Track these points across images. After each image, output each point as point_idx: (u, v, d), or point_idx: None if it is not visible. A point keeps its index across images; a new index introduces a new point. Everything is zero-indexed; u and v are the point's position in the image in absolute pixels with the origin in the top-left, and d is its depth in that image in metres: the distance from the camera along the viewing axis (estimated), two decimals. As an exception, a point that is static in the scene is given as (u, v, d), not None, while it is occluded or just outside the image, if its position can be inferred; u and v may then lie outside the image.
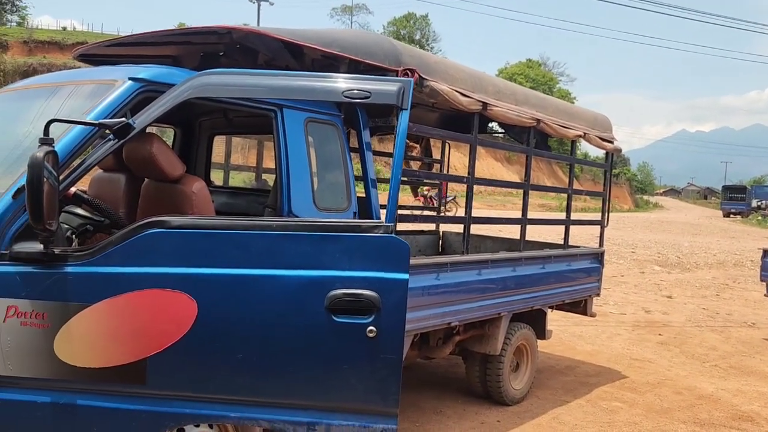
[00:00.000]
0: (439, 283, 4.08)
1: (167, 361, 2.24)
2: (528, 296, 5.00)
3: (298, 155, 2.92)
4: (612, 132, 6.16)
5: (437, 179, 6.49)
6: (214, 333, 2.28)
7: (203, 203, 2.85)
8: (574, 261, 5.63)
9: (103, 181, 3.45)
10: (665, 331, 8.41)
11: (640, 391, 5.69)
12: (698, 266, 16.10)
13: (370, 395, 2.37)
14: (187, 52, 3.91)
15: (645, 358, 6.91)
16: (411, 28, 58.74)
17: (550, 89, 53.83)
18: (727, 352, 7.47)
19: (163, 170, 2.77)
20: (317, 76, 2.59)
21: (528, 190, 5.10)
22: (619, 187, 62.89)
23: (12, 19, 43.14)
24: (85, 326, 2.21)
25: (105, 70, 3.09)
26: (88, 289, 2.22)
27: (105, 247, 2.25)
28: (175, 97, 2.43)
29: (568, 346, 7.20)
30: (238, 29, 3.37)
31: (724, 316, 9.75)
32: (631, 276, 13.51)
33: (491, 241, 6.30)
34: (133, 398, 2.27)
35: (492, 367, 4.93)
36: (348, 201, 3.18)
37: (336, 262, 2.31)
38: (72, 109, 2.63)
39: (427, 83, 3.79)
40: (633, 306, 10.04)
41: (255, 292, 2.30)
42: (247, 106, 2.81)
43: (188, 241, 2.30)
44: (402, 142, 2.43)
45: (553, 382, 5.81)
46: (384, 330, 2.31)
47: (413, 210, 6.23)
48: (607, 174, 6.35)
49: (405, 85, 2.47)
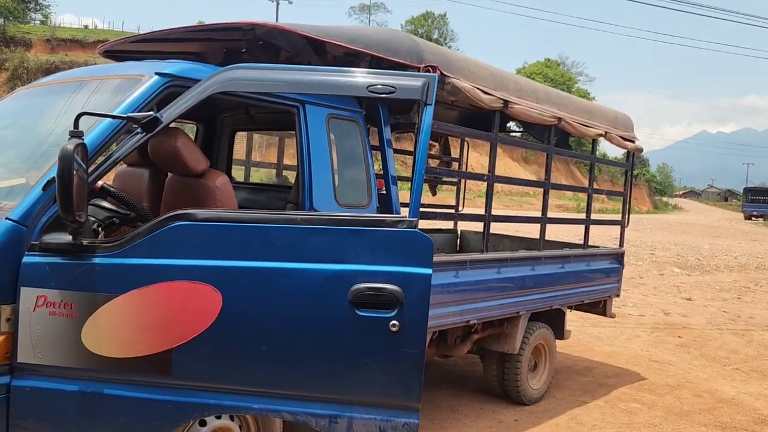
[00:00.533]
0: (458, 281, 4.08)
1: (192, 353, 2.27)
2: (547, 296, 4.98)
3: (320, 151, 2.94)
4: (633, 131, 6.10)
5: (456, 176, 6.48)
6: (239, 325, 2.30)
7: (227, 198, 2.87)
8: (594, 261, 5.60)
9: (127, 175, 3.49)
10: (685, 333, 8.32)
11: (659, 393, 5.64)
12: (719, 269, 15.90)
13: (392, 389, 2.37)
14: (210, 48, 3.95)
15: (664, 360, 6.85)
16: (429, 27, 58.65)
17: (568, 89, 53.40)
18: (749, 356, 7.37)
19: (187, 165, 2.80)
20: (342, 71, 2.60)
21: (548, 189, 5.07)
22: (638, 188, 62.29)
23: (35, 17, 43.77)
24: (111, 317, 2.24)
25: (131, 65, 3.13)
26: (115, 280, 2.26)
27: (132, 239, 2.28)
28: (202, 92, 2.45)
29: (586, 347, 7.15)
30: (262, 25, 3.39)
31: (745, 320, 9.62)
32: (650, 278, 13.38)
33: (509, 240, 6.28)
34: (159, 388, 2.30)
35: (510, 366, 4.92)
36: (369, 197, 3.19)
37: (359, 256, 2.32)
38: (99, 103, 2.66)
39: (448, 80, 3.79)
40: (652, 308, 9.95)
41: (279, 285, 2.32)
42: (270, 101, 2.84)
43: (214, 233, 2.32)
44: (426, 138, 2.44)
45: (571, 382, 5.78)
46: (407, 324, 2.31)
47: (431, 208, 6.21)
48: (628, 173, 6.29)
49: (430, 81, 2.47)
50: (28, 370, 2.25)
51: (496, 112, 4.33)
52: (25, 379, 2.25)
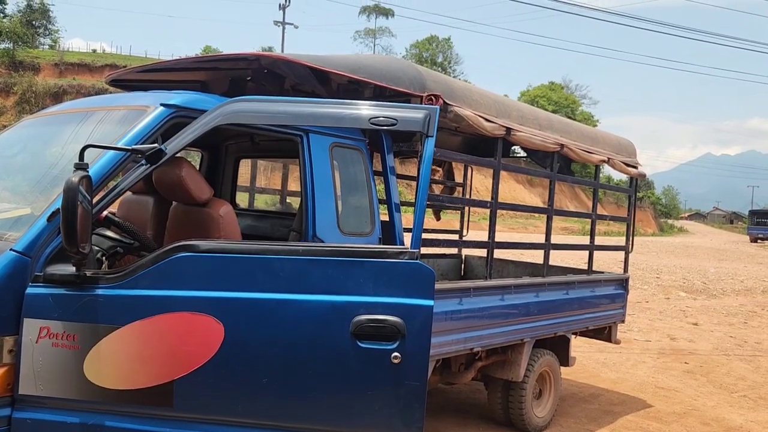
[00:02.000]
0: (462, 308, 4.07)
1: (194, 384, 2.26)
2: (551, 322, 4.95)
3: (324, 180, 2.96)
4: (636, 157, 6.12)
5: (460, 203, 6.50)
6: (240, 357, 2.30)
7: (230, 226, 2.89)
8: (598, 287, 5.57)
9: (131, 203, 3.52)
10: (691, 359, 8.24)
11: (665, 421, 5.57)
12: (725, 293, 15.79)
13: (393, 421, 2.36)
14: (215, 77, 4.00)
15: (671, 387, 6.77)
16: (433, 50, 59.21)
17: (572, 112, 53.71)
18: (757, 383, 7.29)
19: (191, 194, 2.82)
20: (344, 104, 2.63)
21: (552, 215, 5.08)
22: (643, 210, 62.19)
23: (44, 42, 44.39)
24: (114, 348, 2.24)
25: (136, 95, 3.17)
26: (118, 311, 2.26)
27: (135, 270, 2.29)
28: (206, 123, 2.48)
29: (591, 374, 7.08)
30: (266, 56, 3.44)
31: (752, 345, 9.52)
32: (656, 302, 13.29)
33: (514, 266, 6.27)
34: (160, 420, 2.29)
35: (514, 394, 4.87)
36: (372, 225, 3.20)
37: (361, 287, 2.32)
38: (104, 134, 2.69)
39: (451, 109, 3.82)
40: (658, 333, 9.87)
41: (281, 316, 2.32)
42: (274, 131, 2.86)
43: (216, 265, 2.33)
44: (428, 169, 2.45)
45: (577, 410, 5.72)
46: (408, 356, 2.30)
47: (436, 234, 6.22)
48: (631, 199, 6.29)
49: (431, 113, 2.49)
50: (29, 402, 2.25)
51: (499, 139, 4.35)
52: (27, 411, 2.24)
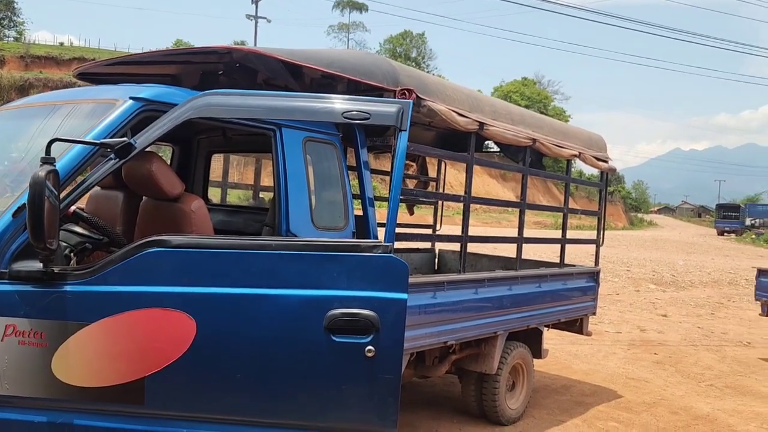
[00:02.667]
0: (435, 302, 4.09)
1: (165, 381, 2.24)
2: (524, 315, 5.01)
3: (297, 174, 2.94)
4: (607, 151, 6.21)
5: (434, 198, 6.52)
6: (213, 353, 2.28)
7: (202, 222, 2.86)
8: (570, 280, 5.65)
9: (101, 198, 3.46)
10: (661, 350, 8.41)
11: (635, 411, 5.68)
12: (693, 285, 16.14)
13: (368, 415, 2.36)
14: (186, 71, 3.94)
15: (640, 378, 6.91)
16: (407, 45, 59.21)
17: (545, 107, 54.22)
18: (723, 372, 7.47)
19: (162, 189, 2.78)
20: (317, 98, 2.62)
21: (524, 209, 5.13)
22: (614, 205, 63.13)
23: (9, 34, 43.28)
24: (83, 345, 2.21)
25: (105, 89, 3.11)
26: (86, 308, 2.22)
27: (105, 266, 2.26)
28: (177, 117, 2.45)
29: (563, 365, 7.19)
30: (238, 49, 3.41)
31: (719, 335, 9.76)
32: (627, 294, 13.53)
33: (487, 260, 6.32)
34: (131, 418, 2.26)
35: (488, 386, 4.92)
36: (346, 220, 3.20)
37: (335, 281, 2.32)
38: (72, 128, 2.64)
39: (424, 103, 3.83)
40: (628, 325, 10.05)
41: (254, 311, 2.30)
42: (246, 125, 2.84)
43: (188, 260, 2.31)
44: (401, 164, 2.45)
45: (549, 401, 5.80)
46: (382, 350, 2.31)
47: (409, 228, 6.24)
48: (602, 193, 6.39)
49: (404, 107, 2.50)
50: (-5, 401, 2.20)
51: (472, 134, 4.38)
52: (-7, 411, 2.19)
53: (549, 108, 55.92)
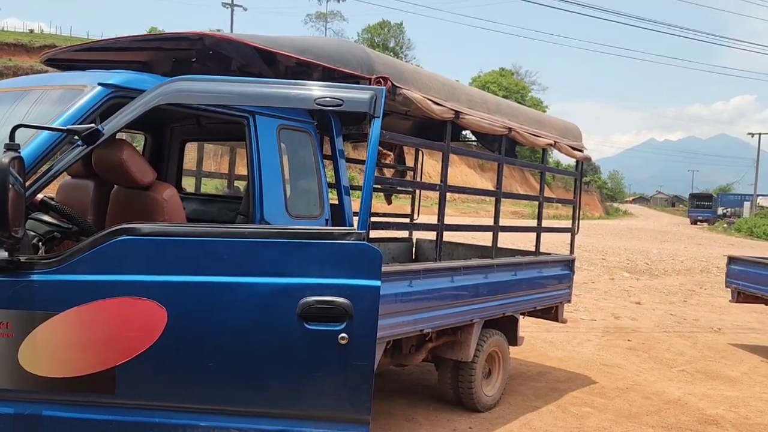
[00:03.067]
0: (411, 290, 4.10)
1: (136, 371, 2.22)
2: (500, 303, 5.04)
3: (271, 162, 2.92)
4: (582, 141, 6.26)
5: (410, 187, 6.53)
6: (185, 341, 2.26)
7: (174, 210, 2.82)
8: (546, 268, 5.70)
9: (71, 187, 3.40)
10: (634, 336, 8.55)
11: (609, 396, 5.77)
12: (666, 273, 16.41)
13: (342, 402, 2.37)
14: (158, 58, 3.88)
15: (614, 364, 7.02)
16: (385, 35, 58.97)
17: (522, 98, 54.47)
18: (694, 357, 7.62)
19: (133, 177, 2.74)
20: (290, 84, 2.60)
21: (500, 197, 5.16)
22: (590, 194, 63.83)
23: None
24: (51, 335, 2.17)
25: (74, 75, 3.06)
26: (55, 297, 2.19)
27: (73, 254, 2.22)
28: (146, 104, 2.41)
29: (539, 353, 7.27)
30: (210, 35, 3.36)
31: (691, 322, 9.94)
32: (601, 282, 13.71)
33: (464, 248, 6.35)
34: (102, 408, 2.24)
35: (464, 374, 4.96)
36: (321, 208, 3.18)
37: (308, 269, 2.31)
38: (40, 114, 2.59)
39: (400, 91, 3.81)
40: (603, 312, 10.19)
41: (226, 299, 2.28)
42: (220, 112, 2.80)
43: (158, 248, 2.28)
44: (374, 150, 2.44)
45: (525, 388, 5.86)
46: (356, 337, 2.31)
47: (386, 217, 6.24)
48: (577, 182, 6.44)
49: (377, 93, 2.48)
50: (-40, 393, 2.16)
51: (448, 122, 4.38)
52: (-43, 403, 2.15)
53: (526, 98, 56.20)
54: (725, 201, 57.22)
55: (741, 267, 8.14)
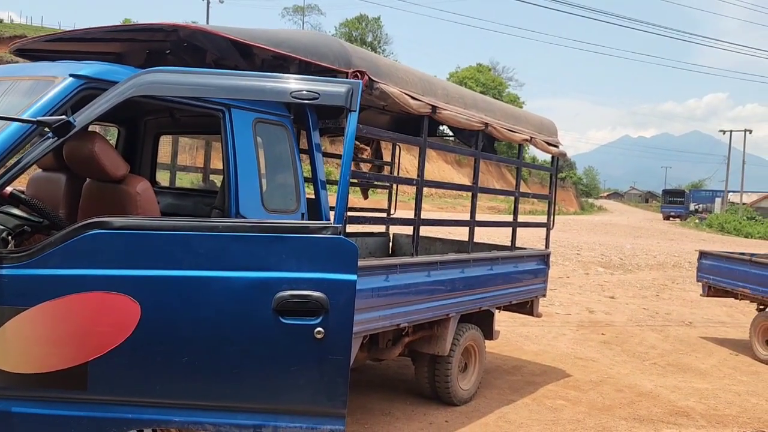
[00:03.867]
0: (388, 285, 4.11)
1: (109, 366, 2.19)
2: (476, 297, 5.08)
3: (247, 156, 2.89)
4: (557, 136, 6.32)
5: (387, 181, 6.53)
6: (158, 336, 2.23)
7: (148, 204, 2.78)
8: (521, 262, 5.75)
9: (42, 180, 3.33)
10: (608, 330, 8.68)
11: (583, 390, 5.86)
12: (639, 267, 16.67)
13: (317, 396, 2.36)
14: (131, 49, 3.82)
15: (588, 357, 7.11)
16: (363, 30, 58.81)
17: (499, 93, 54.78)
18: (666, 350, 7.76)
19: (105, 170, 2.69)
20: (265, 77, 2.57)
21: (476, 192, 5.19)
22: (566, 190, 64.50)
23: (-55, 10, 41.12)
24: (21, 330, 2.13)
25: (44, 65, 2.99)
26: (24, 291, 2.15)
27: (43, 248, 2.18)
28: (118, 95, 2.37)
29: (515, 347, 7.34)
30: (184, 27, 3.32)
31: (663, 316, 10.12)
32: (576, 277, 13.88)
33: (441, 243, 6.38)
34: (73, 404, 2.21)
35: (440, 368, 4.98)
36: (297, 202, 3.17)
37: (283, 263, 2.30)
38: (9, 105, 2.53)
39: (376, 86, 3.81)
40: (577, 306, 10.32)
41: (200, 294, 2.26)
42: (194, 105, 2.77)
43: (131, 242, 2.25)
44: (351, 144, 2.44)
45: (501, 381, 5.92)
46: (332, 331, 2.30)
47: (363, 212, 6.24)
48: (552, 177, 6.51)
49: (354, 87, 2.48)
50: (-73, 389, 2.11)
51: (425, 117, 4.38)
52: (-76, 400, 2.10)
53: (503, 94, 56.54)
54: (697, 197, 58.24)
55: (712, 262, 8.31)
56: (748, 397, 6.02)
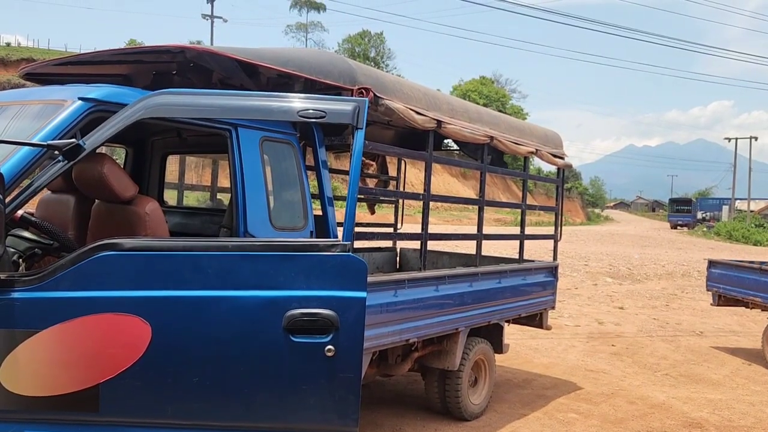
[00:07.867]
0: (397, 300, 4.10)
1: (121, 387, 2.19)
2: (485, 311, 5.06)
3: (254, 174, 2.91)
4: (563, 148, 6.32)
5: (393, 196, 6.54)
6: (170, 357, 2.24)
7: (157, 224, 2.80)
8: (529, 275, 5.73)
9: (51, 202, 3.36)
10: (618, 341, 8.61)
11: (595, 402, 5.80)
12: (648, 277, 16.57)
13: (329, 415, 2.36)
14: (138, 71, 3.86)
15: (599, 369, 7.06)
16: (366, 45, 59.15)
17: (503, 105, 54.89)
18: (677, 361, 7.69)
19: (114, 191, 2.72)
20: (273, 96, 2.60)
21: (483, 206, 5.19)
22: (572, 200, 64.37)
23: (-47, 34, 41.64)
24: (33, 354, 2.14)
25: (53, 89, 3.02)
26: (36, 314, 2.16)
27: (54, 271, 2.19)
28: (127, 118, 2.39)
29: (525, 360, 7.29)
30: (191, 48, 3.35)
31: (673, 326, 10.04)
32: (585, 288, 13.81)
33: (448, 257, 6.37)
34: (86, 426, 2.21)
35: (450, 383, 4.96)
36: (305, 219, 3.18)
37: (293, 281, 2.30)
38: (19, 129, 2.56)
39: (382, 102, 3.83)
40: (587, 318, 10.26)
41: (211, 313, 2.27)
42: (202, 125, 2.79)
43: (141, 263, 2.26)
44: (358, 162, 2.45)
45: (511, 395, 5.88)
46: (342, 349, 2.30)
47: (370, 227, 6.24)
48: (558, 189, 6.50)
49: (360, 105, 2.49)
50: (-61, 414, 2.12)
51: (430, 131, 4.40)
52: (-63, 424, 2.11)
53: (507, 106, 56.62)
54: (704, 205, 57.99)
55: (721, 270, 8.25)
56: (762, 407, 5.95)
